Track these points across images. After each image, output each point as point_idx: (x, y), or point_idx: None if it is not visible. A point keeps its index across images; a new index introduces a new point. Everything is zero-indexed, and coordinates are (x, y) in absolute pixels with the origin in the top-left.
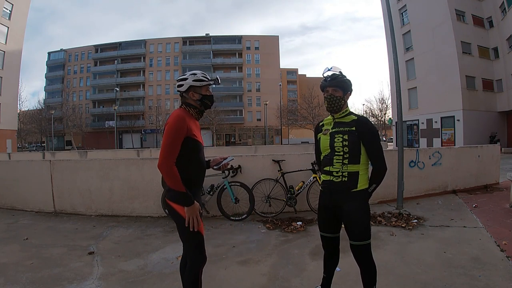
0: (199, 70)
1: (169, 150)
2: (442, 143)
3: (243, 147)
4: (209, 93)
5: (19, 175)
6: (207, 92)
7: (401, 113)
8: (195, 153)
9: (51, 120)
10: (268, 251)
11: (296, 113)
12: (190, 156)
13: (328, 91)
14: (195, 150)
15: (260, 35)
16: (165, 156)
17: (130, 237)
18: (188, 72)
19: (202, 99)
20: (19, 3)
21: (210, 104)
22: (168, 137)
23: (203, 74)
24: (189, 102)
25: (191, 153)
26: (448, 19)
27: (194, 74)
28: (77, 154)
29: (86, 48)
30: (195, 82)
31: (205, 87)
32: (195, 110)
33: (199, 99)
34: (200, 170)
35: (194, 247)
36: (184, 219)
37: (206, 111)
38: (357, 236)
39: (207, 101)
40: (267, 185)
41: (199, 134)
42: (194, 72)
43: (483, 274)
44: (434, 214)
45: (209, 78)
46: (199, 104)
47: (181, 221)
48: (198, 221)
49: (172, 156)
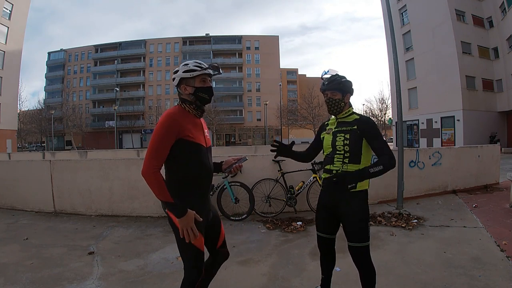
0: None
1: (152, 154)
2: (442, 143)
3: (243, 147)
4: (205, 84)
5: (19, 175)
6: (202, 83)
7: (401, 113)
8: (193, 156)
9: (51, 120)
10: (268, 251)
11: (296, 113)
12: (187, 160)
13: (327, 94)
14: (193, 153)
15: (260, 35)
16: (148, 160)
17: (130, 237)
18: (182, 63)
19: (196, 92)
20: (19, 3)
21: (208, 97)
22: (153, 139)
23: (197, 63)
24: (184, 98)
25: (188, 156)
26: (448, 19)
27: (186, 65)
28: (77, 154)
29: (86, 48)
30: (185, 74)
31: (199, 78)
32: (192, 106)
33: (192, 92)
34: (202, 174)
35: (187, 260)
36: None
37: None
38: (356, 238)
39: (202, 94)
40: (267, 185)
41: (199, 134)
42: (186, 63)
43: (483, 274)
44: (434, 214)
45: (204, 66)
46: (193, 98)
47: (176, 231)
48: (194, 232)
49: (156, 162)
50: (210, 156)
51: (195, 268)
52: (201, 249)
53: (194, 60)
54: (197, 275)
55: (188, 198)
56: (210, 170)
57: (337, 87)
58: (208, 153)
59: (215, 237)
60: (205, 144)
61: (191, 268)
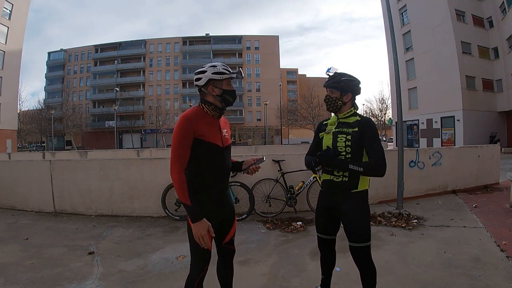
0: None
1: (175, 156)
2: (442, 143)
3: (243, 147)
4: (231, 88)
5: (19, 175)
6: (228, 86)
7: (401, 113)
8: (206, 156)
9: (51, 120)
10: (268, 251)
11: (296, 113)
12: (199, 159)
13: (327, 91)
14: (206, 152)
15: (260, 35)
16: (172, 163)
17: (130, 237)
18: (208, 64)
19: (223, 94)
20: (19, 3)
21: (232, 100)
22: (172, 143)
23: (224, 66)
24: (207, 99)
25: (201, 155)
26: (448, 19)
27: (214, 67)
28: (77, 154)
29: (86, 48)
30: (215, 75)
31: (226, 81)
32: (211, 107)
33: (219, 94)
34: (215, 173)
35: (192, 256)
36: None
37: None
38: (357, 238)
39: (228, 97)
40: (267, 185)
41: (215, 134)
42: (213, 64)
43: (483, 274)
44: (434, 214)
45: (230, 70)
46: (219, 100)
47: (189, 227)
48: (205, 241)
49: (179, 163)
50: (228, 155)
51: (197, 266)
52: (208, 248)
53: (222, 64)
54: (197, 272)
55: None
56: (225, 169)
57: (335, 85)
58: (225, 153)
59: (223, 234)
60: (222, 143)
61: (193, 264)
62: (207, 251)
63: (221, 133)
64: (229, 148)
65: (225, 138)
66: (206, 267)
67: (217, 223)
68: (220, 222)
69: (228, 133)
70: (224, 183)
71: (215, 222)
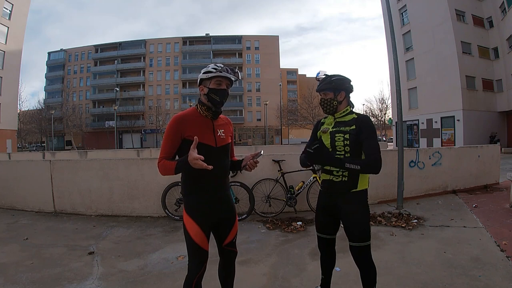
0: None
1: (161, 150)
2: (442, 143)
3: (243, 147)
4: (218, 86)
5: (19, 175)
6: (215, 85)
7: (401, 113)
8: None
9: (51, 120)
10: (268, 251)
11: (296, 113)
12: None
13: (321, 95)
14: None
15: (260, 35)
16: (159, 155)
17: (130, 237)
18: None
19: (209, 93)
20: (19, 3)
21: (219, 100)
22: (163, 139)
23: (216, 65)
24: (201, 99)
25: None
26: (448, 19)
27: (207, 67)
28: (77, 154)
29: (86, 48)
30: (204, 75)
31: (214, 80)
32: (204, 107)
33: (206, 93)
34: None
35: (189, 256)
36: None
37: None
38: (357, 237)
39: (213, 96)
40: (267, 185)
41: (207, 134)
42: (209, 65)
43: (483, 274)
44: (434, 214)
45: (219, 69)
46: (207, 99)
47: (184, 227)
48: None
49: (163, 155)
50: (223, 155)
51: (193, 264)
52: (202, 246)
53: (216, 64)
54: (194, 271)
55: (194, 195)
56: (220, 169)
57: (327, 86)
58: (220, 153)
59: (222, 235)
60: (215, 143)
61: (190, 264)
62: (204, 251)
63: (215, 134)
64: (225, 148)
65: (220, 138)
66: (203, 267)
67: (212, 223)
68: (216, 222)
69: (227, 133)
70: (219, 183)
71: (209, 222)
